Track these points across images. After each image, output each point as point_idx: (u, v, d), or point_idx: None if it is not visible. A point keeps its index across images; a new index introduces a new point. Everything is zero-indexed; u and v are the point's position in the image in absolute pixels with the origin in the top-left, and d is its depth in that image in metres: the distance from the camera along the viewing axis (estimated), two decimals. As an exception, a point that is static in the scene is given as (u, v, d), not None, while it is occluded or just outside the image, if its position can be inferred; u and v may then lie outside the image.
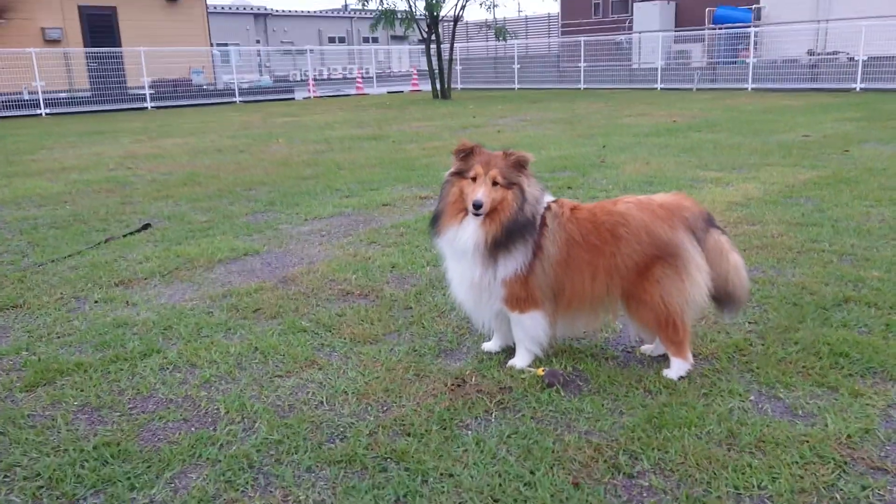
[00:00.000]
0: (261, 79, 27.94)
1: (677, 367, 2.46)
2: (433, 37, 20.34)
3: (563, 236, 2.44)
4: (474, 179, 2.40)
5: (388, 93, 25.46)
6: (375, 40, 45.50)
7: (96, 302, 3.42)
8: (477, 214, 2.38)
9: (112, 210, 5.56)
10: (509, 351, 2.66)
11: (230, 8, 45.21)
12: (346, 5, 59.11)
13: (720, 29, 22.48)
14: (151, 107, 19.54)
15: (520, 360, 2.57)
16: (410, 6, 20.24)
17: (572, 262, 2.44)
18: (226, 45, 30.29)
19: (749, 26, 21.33)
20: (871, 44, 18.33)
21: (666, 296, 2.38)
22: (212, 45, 24.22)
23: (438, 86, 20.64)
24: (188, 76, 22.21)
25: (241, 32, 44.13)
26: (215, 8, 40.40)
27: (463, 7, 20.07)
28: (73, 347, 2.87)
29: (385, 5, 19.68)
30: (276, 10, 47.87)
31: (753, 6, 23.79)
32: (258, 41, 44.61)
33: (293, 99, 22.97)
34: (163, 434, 2.18)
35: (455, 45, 22.46)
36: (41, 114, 17.51)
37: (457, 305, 2.69)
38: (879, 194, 5.22)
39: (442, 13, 19.95)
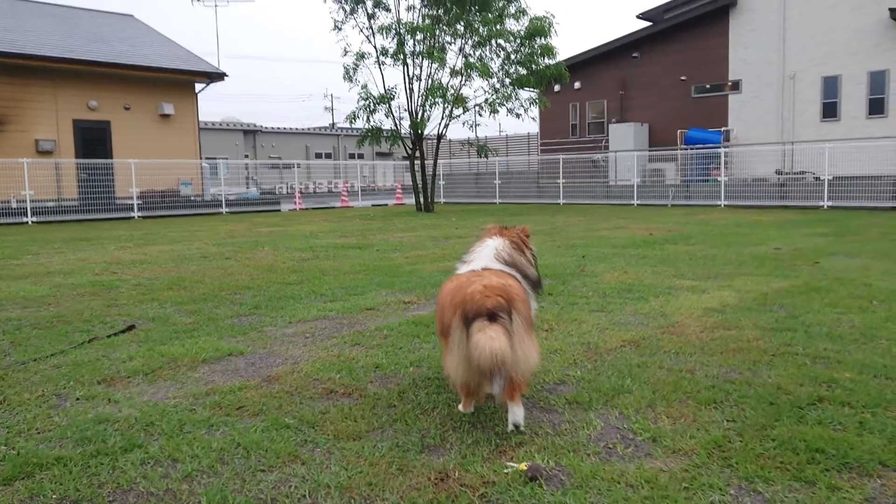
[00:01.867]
0: (248, 191, 28.54)
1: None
2: (417, 153, 21.10)
3: None
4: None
5: (373, 206, 26.06)
6: (361, 156, 46.94)
7: (78, 399, 3.41)
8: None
9: (96, 312, 5.58)
10: (493, 442, 2.69)
11: (221, 124, 46.74)
12: (333, 124, 61.32)
13: (692, 149, 23.55)
14: (138, 216, 19.83)
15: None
16: (396, 124, 21.11)
17: None
18: (215, 158, 31.12)
19: (719, 147, 22.37)
20: (835, 164, 19.26)
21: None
22: (201, 158, 24.88)
23: (422, 199, 21.21)
24: (176, 187, 22.69)
25: (231, 147, 45.44)
26: (206, 124, 41.78)
27: (446, 126, 20.92)
28: (53, 442, 2.85)
29: (372, 123, 20.48)
30: (266, 127, 49.52)
31: (723, 128, 25.06)
32: (247, 155, 45.85)
33: (279, 210, 23.43)
34: (142, 526, 2.15)
35: (438, 160, 23.26)
36: (27, 222, 17.68)
37: None
38: (849, 302, 5.39)
39: (426, 131, 20.78)
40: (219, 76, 24.30)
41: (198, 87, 24.55)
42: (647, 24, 29.38)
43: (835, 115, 23.23)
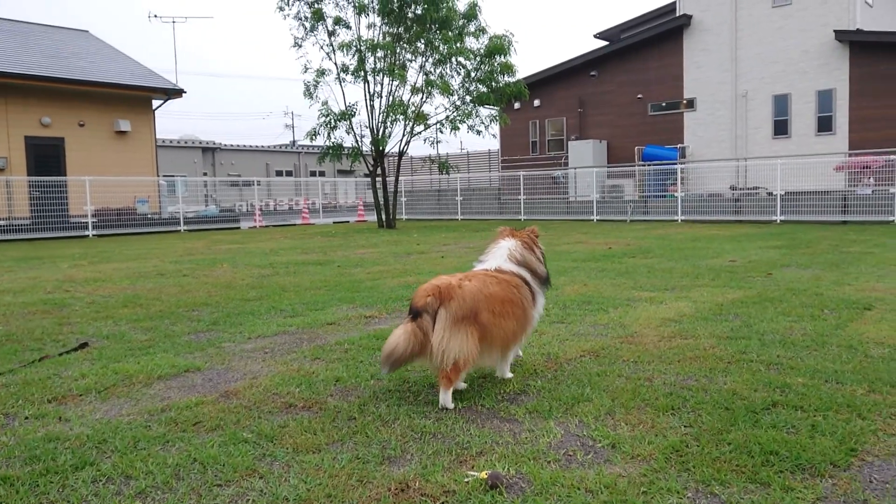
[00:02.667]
0: (207, 209, 28.18)
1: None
2: (379, 170, 21.09)
3: None
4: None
5: (335, 223, 25.93)
6: (323, 174, 46.76)
7: (27, 418, 3.30)
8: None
9: (48, 330, 5.44)
10: (454, 452, 2.70)
11: (179, 142, 46.14)
12: (293, 141, 60.99)
13: (649, 165, 24.00)
14: (93, 234, 19.41)
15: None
16: (357, 141, 21.09)
17: None
18: (173, 176, 30.69)
19: (675, 163, 22.84)
20: (787, 180, 19.81)
21: None
22: (158, 175, 24.50)
23: (384, 216, 21.18)
24: (133, 205, 22.29)
25: (189, 165, 44.86)
26: (164, 141, 41.20)
27: (408, 142, 20.96)
28: (0, 462, 2.75)
29: (332, 140, 20.42)
30: (225, 145, 49.02)
31: (679, 145, 25.60)
32: (205, 173, 45.30)
33: (239, 228, 23.16)
34: (93, 544, 2.09)
35: (400, 177, 23.28)
36: (-24, 241, 17.17)
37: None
38: (801, 311, 5.53)
39: (387, 148, 20.79)
40: (177, 93, 24.01)
41: (155, 103, 24.21)
42: (604, 43, 30.01)
43: (786, 132, 23.94)
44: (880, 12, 24.56)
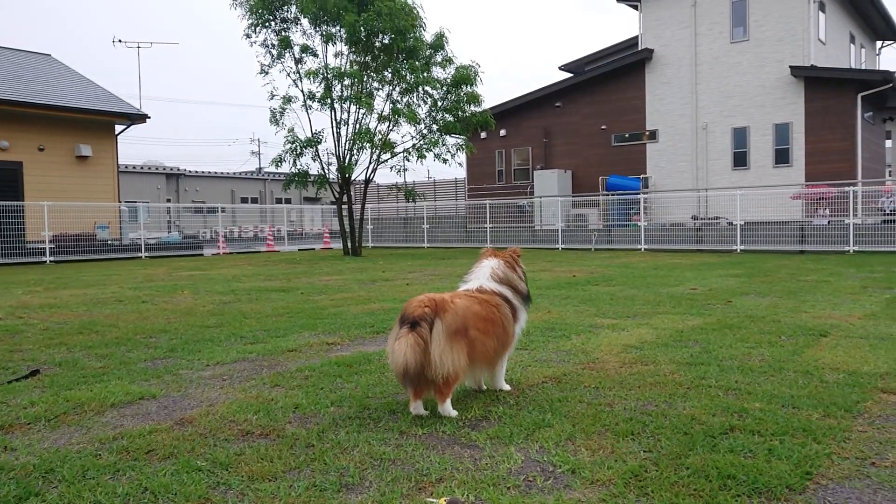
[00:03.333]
0: (169, 235, 27.78)
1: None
2: (345, 197, 21.05)
3: None
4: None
5: (300, 250, 25.75)
6: (289, 201, 46.52)
7: (-30, 447, 3.18)
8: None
9: (-3, 357, 5.27)
10: (413, 478, 2.65)
11: (142, 167, 45.60)
12: (259, 168, 60.68)
13: (613, 195, 24.35)
14: (50, 261, 18.99)
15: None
16: (323, 168, 21.05)
17: None
18: (135, 202, 30.25)
19: (639, 193, 23.21)
20: (746, 210, 20.26)
21: None
22: (120, 201, 24.13)
23: (350, 243, 21.09)
24: (93, 231, 21.88)
25: (153, 191, 44.32)
26: (127, 167, 40.68)
27: (374, 170, 20.98)
28: (-61, 493, 2.64)
29: (298, 167, 20.36)
30: (189, 171, 48.54)
31: (642, 176, 26.05)
32: (169, 199, 44.76)
33: (202, 255, 22.86)
34: (34, 578, 2.01)
35: (366, 205, 23.25)
36: (-73, 266, 16.66)
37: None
38: (759, 338, 5.62)
39: (354, 175, 20.78)
40: (140, 118, 23.77)
41: (118, 128, 23.93)
42: (568, 75, 30.55)
43: (745, 164, 24.53)
44: (833, 50, 25.46)
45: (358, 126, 20.24)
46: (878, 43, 32.42)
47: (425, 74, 20.07)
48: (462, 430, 3.35)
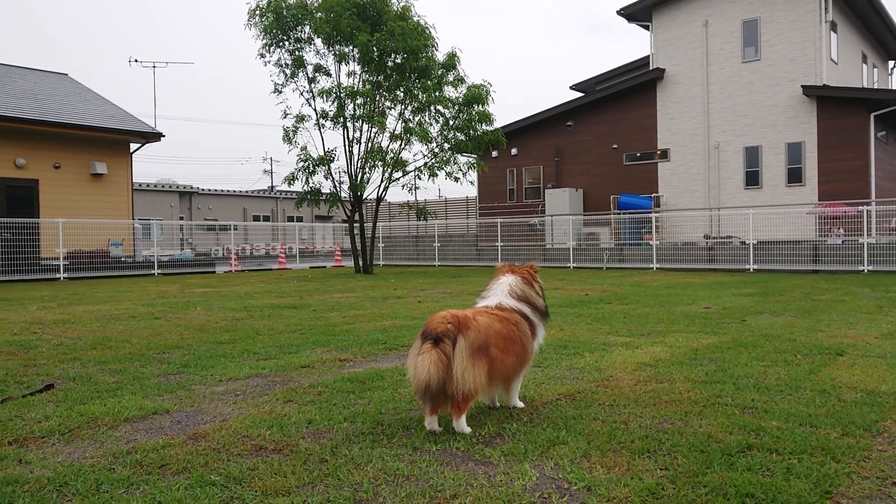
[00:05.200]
0: (182, 252, 27.93)
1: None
2: (357, 215, 21.12)
3: None
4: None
5: (311, 268, 25.81)
6: (300, 219, 46.73)
7: (-15, 460, 3.19)
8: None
9: (12, 372, 5.29)
10: (427, 494, 2.63)
11: (156, 185, 45.98)
12: (272, 186, 61.08)
13: (625, 214, 24.30)
14: (65, 277, 19.11)
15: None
16: (336, 187, 21.15)
17: None
18: (148, 220, 30.47)
19: (650, 212, 23.15)
20: (759, 230, 20.15)
21: None
22: (134, 219, 24.32)
23: (361, 261, 21.13)
24: (107, 248, 22.03)
25: (166, 208, 44.62)
26: (141, 185, 41.04)
27: (386, 188, 21.05)
28: (-45, 506, 2.65)
29: (310, 185, 20.46)
30: (202, 189, 48.90)
31: (654, 195, 26.01)
32: (182, 217, 45.05)
33: (214, 272, 22.95)
34: (48, 590, 2.00)
35: (378, 223, 23.30)
36: (-57, 282, 16.81)
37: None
38: (774, 356, 5.56)
39: (366, 194, 20.86)
40: (155, 136, 24.01)
41: (133, 147, 24.16)
42: (579, 94, 30.66)
43: (757, 182, 24.44)
44: (845, 69, 25.43)
45: (370, 144, 20.35)
46: (891, 63, 32.37)
47: (437, 93, 20.18)
48: (476, 447, 3.32)
